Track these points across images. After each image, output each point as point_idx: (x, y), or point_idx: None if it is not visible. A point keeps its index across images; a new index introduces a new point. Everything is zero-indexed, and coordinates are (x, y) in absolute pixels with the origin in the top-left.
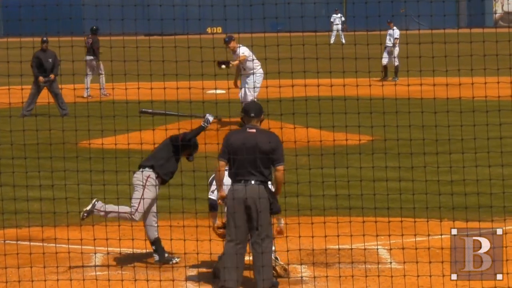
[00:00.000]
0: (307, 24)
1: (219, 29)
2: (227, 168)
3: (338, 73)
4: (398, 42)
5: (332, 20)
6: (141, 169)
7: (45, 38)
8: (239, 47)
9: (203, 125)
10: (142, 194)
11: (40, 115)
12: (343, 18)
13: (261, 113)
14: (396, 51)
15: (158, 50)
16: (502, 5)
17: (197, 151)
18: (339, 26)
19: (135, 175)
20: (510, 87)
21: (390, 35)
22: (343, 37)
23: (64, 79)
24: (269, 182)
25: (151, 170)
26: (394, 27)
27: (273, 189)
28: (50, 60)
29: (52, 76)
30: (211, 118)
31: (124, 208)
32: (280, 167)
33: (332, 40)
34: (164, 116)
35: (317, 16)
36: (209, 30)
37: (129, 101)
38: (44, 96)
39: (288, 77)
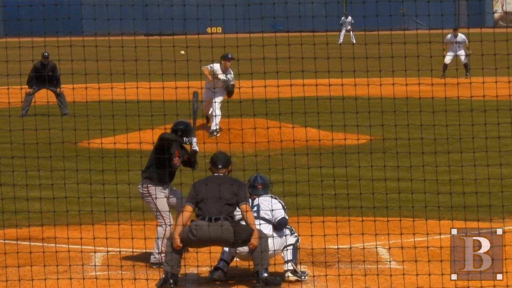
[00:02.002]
0: (306, 24)
1: (219, 29)
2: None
3: (336, 73)
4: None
5: (341, 22)
6: (142, 182)
7: (46, 54)
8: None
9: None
10: (156, 207)
11: (39, 115)
12: (353, 21)
13: (228, 164)
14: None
15: (156, 50)
16: (502, 5)
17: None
18: (348, 27)
19: (139, 187)
20: (508, 87)
21: (458, 42)
22: (353, 36)
23: (63, 79)
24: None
25: (148, 182)
26: (459, 33)
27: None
28: (50, 73)
29: (58, 90)
30: (194, 141)
31: (160, 234)
32: (243, 206)
33: (340, 41)
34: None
35: (316, 16)
36: (209, 30)
37: (128, 101)
38: (44, 96)
39: (286, 77)
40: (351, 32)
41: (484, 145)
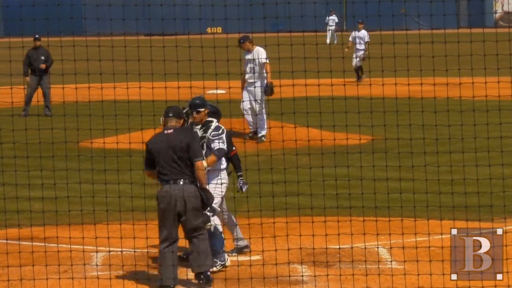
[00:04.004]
0: (308, 24)
1: (219, 29)
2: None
3: (338, 73)
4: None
5: (326, 21)
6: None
7: (37, 36)
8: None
9: None
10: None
11: (41, 115)
12: (336, 20)
13: (180, 115)
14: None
15: (159, 50)
16: (502, 5)
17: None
18: (333, 27)
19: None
20: (511, 87)
21: (360, 37)
22: (335, 37)
23: (65, 78)
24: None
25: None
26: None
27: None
28: (43, 57)
29: (42, 66)
30: None
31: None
32: (198, 163)
33: (328, 41)
34: None
35: (318, 16)
36: (209, 30)
37: (130, 100)
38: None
39: (288, 76)
40: (329, 31)
41: (486, 145)
